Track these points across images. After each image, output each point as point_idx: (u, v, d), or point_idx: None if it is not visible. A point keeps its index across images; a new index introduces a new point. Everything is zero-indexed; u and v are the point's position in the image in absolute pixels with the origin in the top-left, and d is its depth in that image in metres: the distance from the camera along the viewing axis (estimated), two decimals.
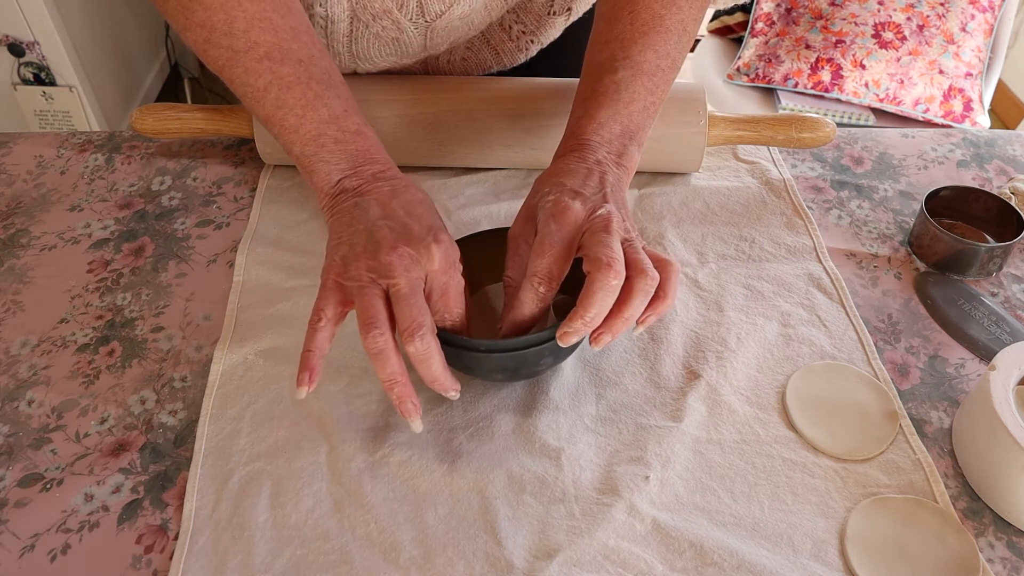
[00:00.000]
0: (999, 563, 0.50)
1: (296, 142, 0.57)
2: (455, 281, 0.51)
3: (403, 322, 0.48)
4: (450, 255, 0.51)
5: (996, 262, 0.67)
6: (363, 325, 0.48)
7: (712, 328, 0.63)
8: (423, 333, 0.48)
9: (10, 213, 0.74)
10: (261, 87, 0.56)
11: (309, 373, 0.50)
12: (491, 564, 0.49)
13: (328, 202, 0.56)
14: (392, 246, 0.50)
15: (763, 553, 0.49)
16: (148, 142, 0.82)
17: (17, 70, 1.96)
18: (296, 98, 0.56)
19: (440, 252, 0.51)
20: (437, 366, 0.49)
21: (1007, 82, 2.48)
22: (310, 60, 0.58)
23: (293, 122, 0.56)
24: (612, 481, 0.53)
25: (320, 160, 0.56)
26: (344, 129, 0.57)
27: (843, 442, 0.55)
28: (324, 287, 0.52)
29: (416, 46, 0.73)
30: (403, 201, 0.54)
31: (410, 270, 0.49)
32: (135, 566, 0.49)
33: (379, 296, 0.49)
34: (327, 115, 0.56)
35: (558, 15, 0.78)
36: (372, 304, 0.49)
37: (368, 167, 0.56)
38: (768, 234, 0.71)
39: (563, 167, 0.55)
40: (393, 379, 0.49)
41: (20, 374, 0.60)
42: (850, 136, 0.84)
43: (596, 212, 0.52)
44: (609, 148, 0.57)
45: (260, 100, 0.57)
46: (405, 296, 0.48)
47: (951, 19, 1.71)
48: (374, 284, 0.49)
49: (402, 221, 0.52)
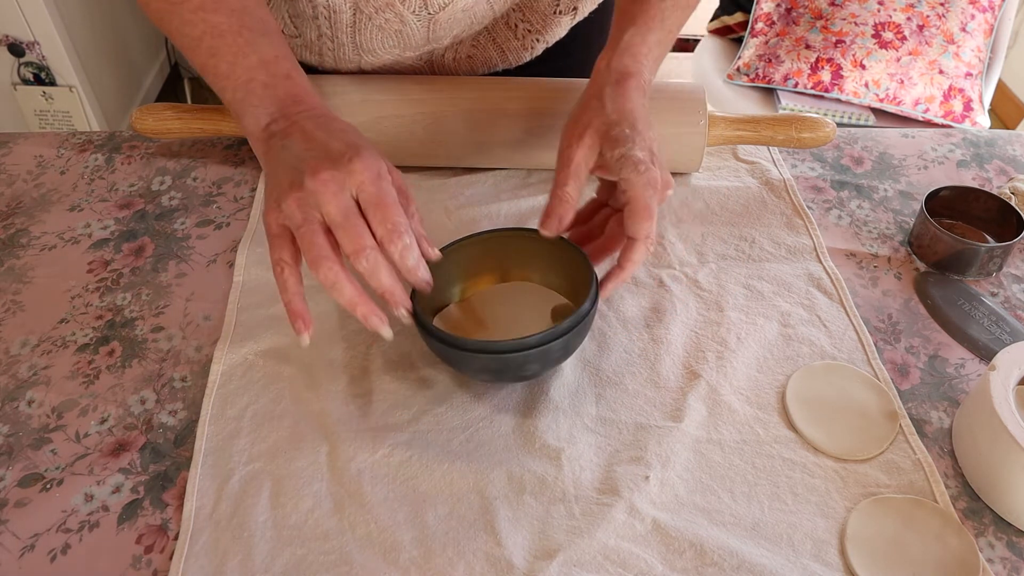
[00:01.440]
0: (999, 563, 0.50)
1: (227, 88, 0.58)
2: (385, 190, 0.51)
3: (346, 248, 0.50)
4: (372, 166, 0.51)
5: (996, 262, 0.67)
6: (310, 262, 0.50)
7: (712, 328, 0.63)
8: (367, 253, 0.50)
9: (10, 213, 0.74)
10: (196, 36, 0.58)
11: (301, 319, 0.51)
12: (491, 564, 0.49)
13: (260, 147, 0.57)
14: (314, 171, 0.50)
15: (763, 553, 0.49)
16: (148, 142, 0.82)
17: (17, 70, 1.96)
18: (228, 45, 0.58)
19: (361, 165, 0.51)
20: (386, 277, 0.50)
21: (1007, 82, 2.48)
22: (243, 10, 0.59)
23: (224, 68, 0.58)
24: (612, 481, 0.53)
25: (249, 104, 0.57)
26: (273, 74, 0.57)
27: (843, 442, 0.55)
28: (271, 234, 0.52)
29: (419, 38, 0.73)
30: (325, 128, 0.54)
31: (338, 195, 0.50)
32: (135, 566, 0.49)
33: (318, 231, 0.50)
34: (256, 61, 0.57)
35: (564, 14, 0.78)
36: (313, 240, 0.50)
37: (295, 107, 0.56)
38: (768, 234, 0.71)
39: (632, 100, 0.57)
40: (353, 302, 0.51)
41: (20, 374, 0.60)
42: (850, 136, 0.84)
43: (667, 190, 0.56)
44: (648, 76, 0.60)
45: (195, 49, 0.59)
46: (339, 224, 0.50)
47: (951, 19, 1.71)
48: (310, 220, 0.50)
49: (322, 144, 0.53)
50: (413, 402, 0.58)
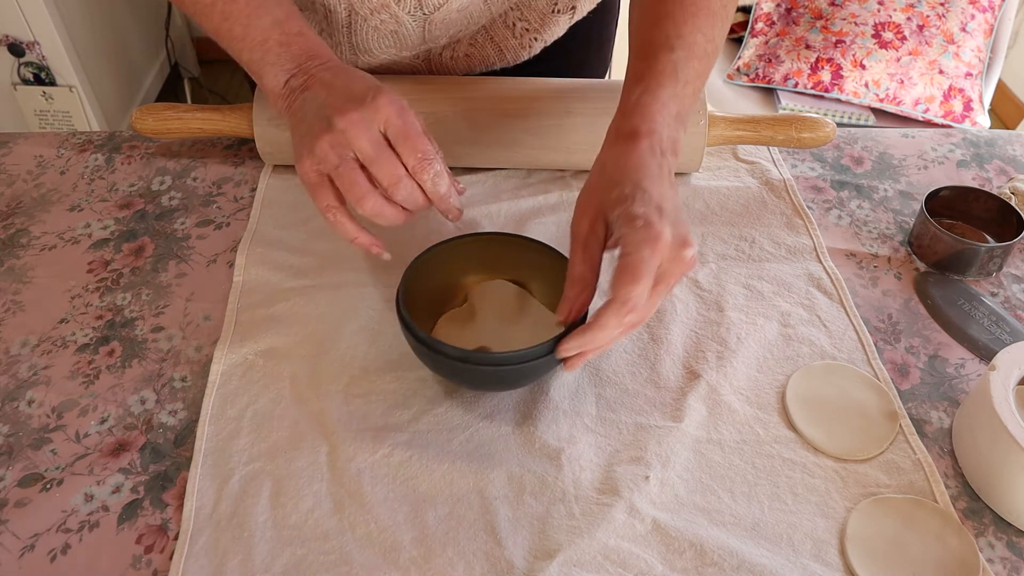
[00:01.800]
0: (999, 563, 0.50)
1: (244, 49, 0.60)
2: (410, 121, 0.54)
3: (382, 180, 0.53)
4: (396, 101, 0.54)
5: (996, 262, 0.67)
6: (355, 200, 0.54)
7: (712, 328, 0.63)
8: (403, 183, 0.53)
9: (10, 213, 0.74)
10: (208, 2, 0.60)
11: (375, 244, 0.57)
12: (491, 564, 0.49)
13: (282, 104, 0.59)
14: (342, 112, 0.53)
15: (763, 553, 0.49)
16: (148, 142, 0.82)
17: (17, 70, 1.95)
18: (240, 8, 0.59)
19: (385, 100, 0.54)
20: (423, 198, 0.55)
21: (1007, 82, 2.48)
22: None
23: (239, 31, 0.59)
24: (612, 481, 0.53)
25: (267, 63, 0.59)
26: (287, 32, 0.59)
27: (843, 442, 0.55)
28: (310, 184, 0.55)
29: (415, 39, 0.73)
30: (344, 75, 0.57)
31: (367, 131, 0.53)
32: (135, 566, 0.49)
33: (356, 167, 0.53)
34: (270, 21, 0.59)
35: (562, 13, 0.78)
36: (354, 180, 0.53)
37: (311, 62, 0.58)
38: (768, 234, 0.71)
39: (637, 158, 0.53)
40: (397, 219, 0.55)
41: (20, 374, 0.60)
42: (850, 136, 0.84)
43: (683, 251, 0.50)
44: (668, 133, 0.56)
45: (208, 15, 0.60)
46: (373, 158, 0.53)
47: (951, 19, 1.71)
48: (345, 159, 0.53)
49: (344, 88, 0.55)
50: (413, 402, 0.58)
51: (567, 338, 0.50)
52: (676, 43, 0.58)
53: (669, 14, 0.59)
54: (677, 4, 0.59)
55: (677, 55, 0.57)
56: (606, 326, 0.49)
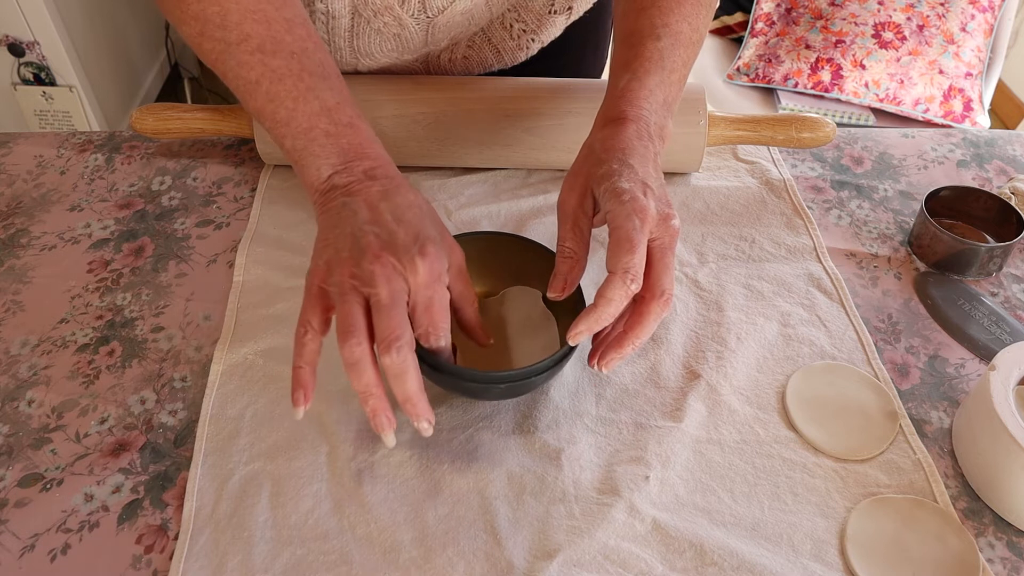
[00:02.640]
0: (999, 563, 0.50)
1: (287, 136, 0.55)
2: (439, 295, 0.49)
3: (381, 332, 0.46)
4: (435, 268, 0.49)
5: (996, 262, 0.67)
6: (341, 333, 0.47)
7: (712, 328, 0.63)
8: (400, 345, 0.46)
9: (10, 213, 0.74)
10: (253, 80, 0.55)
11: (304, 391, 0.48)
12: (491, 564, 0.49)
13: (318, 198, 0.54)
14: (376, 254, 0.48)
15: (763, 553, 0.49)
16: (148, 142, 0.82)
17: (17, 70, 1.95)
18: (287, 90, 0.55)
19: (425, 265, 0.48)
20: (412, 384, 0.47)
21: (1007, 82, 2.48)
22: (303, 52, 0.56)
23: (284, 115, 0.55)
24: (612, 481, 0.53)
25: (310, 154, 0.54)
26: (336, 122, 0.55)
27: (843, 442, 0.55)
28: (308, 293, 0.50)
29: (417, 42, 0.73)
30: (393, 204, 0.52)
31: (392, 281, 0.47)
32: (135, 566, 0.49)
33: (359, 304, 0.47)
34: (318, 107, 0.55)
35: (559, 14, 0.78)
36: (351, 312, 0.47)
37: (360, 162, 0.54)
38: (768, 234, 0.71)
39: (624, 139, 0.54)
40: (368, 391, 0.47)
41: (20, 374, 0.60)
42: (850, 136, 0.84)
43: (670, 222, 0.51)
44: (656, 119, 0.56)
45: (252, 93, 0.56)
46: (385, 307, 0.47)
47: (951, 19, 1.71)
48: (355, 292, 0.48)
49: (389, 228, 0.50)
50: None
51: (576, 322, 0.50)
52: (662, 31, 0.58)
53: (655, 3, 0.59)
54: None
55: (663, 43, 0.57)
56: (613, 299, 0.49)
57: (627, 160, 0.52)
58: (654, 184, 0.52)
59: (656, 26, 0.58)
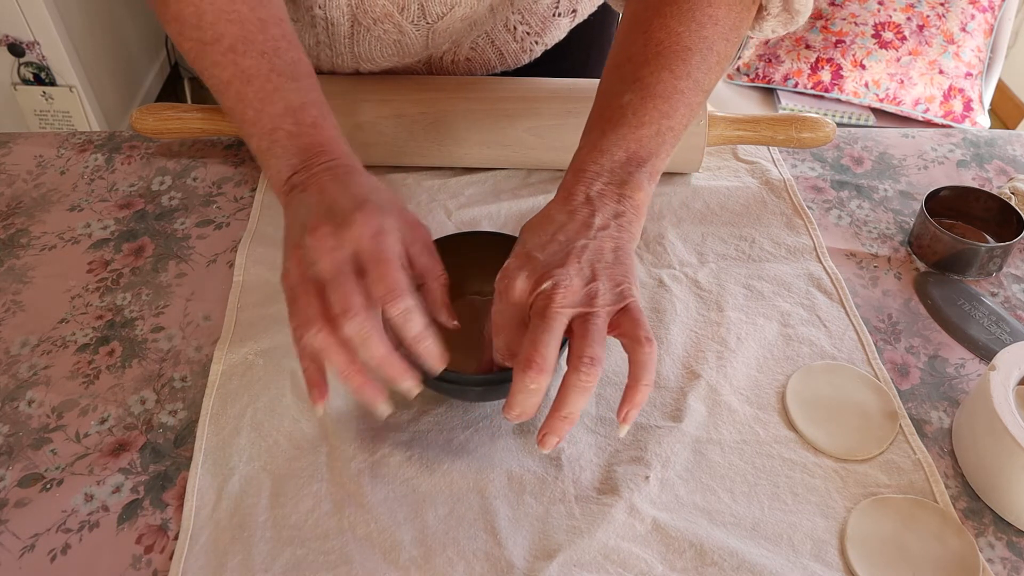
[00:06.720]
0: (999, 563, 0.50)
1: (253, 135, 0.55)
2: (385, 246, 0.47)
3: (333, 308, 0.45)
4: (373, 221, 0.47)
5: (996, 262, 0.67)
6: (296, 328, 0.45)
7: (712, 328, 0.63)
8: (355, 315, 0.44)
9: (10, 213, 0.74)
10: (225, 80, 0.55)
11: (317, 388, 0.48)
12: (491, 564, 0.49)
13: (282, 199, 0.54)
14: (313, 228, 0.47)
15: (763, 553, 0.49)
16: (148, 142, 0.82)
17: (17, 70, 1.96)
18: (255, 91, 0.55)
19: (361, 218, 0.46)
20: (379, 347, 0.45)
21: (1007, 82, 2.48)
22: (275, 52, 0.56)
23: (251, 116, 0.55)
24: (612, 481, 0.53)
25: (272, 155, 0.54)
26: (299, 122, 0.54)
27: (843, 442, 0.55)
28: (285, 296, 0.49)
29: (418, 47, 0.73)
30: (342, 184, 0.51)
31: (333, 251, 0.46)
32: (135, 566, 0.49)
33: (312, 293, 0.46)
34: (283, 108, 0.54)
35: (563, 16, 0.78)
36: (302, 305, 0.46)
37: (318, 159, 0.53)
38: (768, 234, 0.71)
39: (546, 214, 0.52)
40: (345, 371, 0.46)
41: (20, 374, 0.60)
42: (850, 136, 0.84)
43: (540, 286, 0.47)
44: (610, 178, 0.51)
45: (224, 93, 0.56)
46: (327, 281, 0.45)
47: (951, 19, 1.71)
48: (306, 282, 0.47)
49: (330, 200, 0.49)
50: (413, 402, 0.57)
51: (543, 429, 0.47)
52: (629, 87, 0.54)
53: (630, 58, 0.55)
54: (640, 46, 0.55)
55: (627, 99, 0.53)
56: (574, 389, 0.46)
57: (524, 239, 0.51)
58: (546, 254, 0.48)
59: (625, 81, 0.54)
